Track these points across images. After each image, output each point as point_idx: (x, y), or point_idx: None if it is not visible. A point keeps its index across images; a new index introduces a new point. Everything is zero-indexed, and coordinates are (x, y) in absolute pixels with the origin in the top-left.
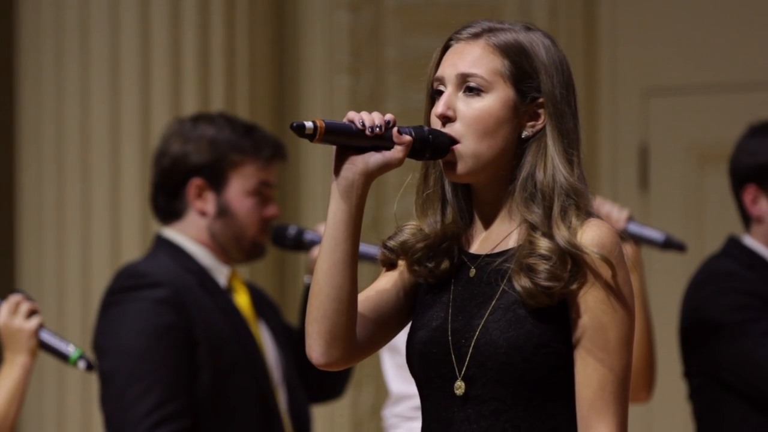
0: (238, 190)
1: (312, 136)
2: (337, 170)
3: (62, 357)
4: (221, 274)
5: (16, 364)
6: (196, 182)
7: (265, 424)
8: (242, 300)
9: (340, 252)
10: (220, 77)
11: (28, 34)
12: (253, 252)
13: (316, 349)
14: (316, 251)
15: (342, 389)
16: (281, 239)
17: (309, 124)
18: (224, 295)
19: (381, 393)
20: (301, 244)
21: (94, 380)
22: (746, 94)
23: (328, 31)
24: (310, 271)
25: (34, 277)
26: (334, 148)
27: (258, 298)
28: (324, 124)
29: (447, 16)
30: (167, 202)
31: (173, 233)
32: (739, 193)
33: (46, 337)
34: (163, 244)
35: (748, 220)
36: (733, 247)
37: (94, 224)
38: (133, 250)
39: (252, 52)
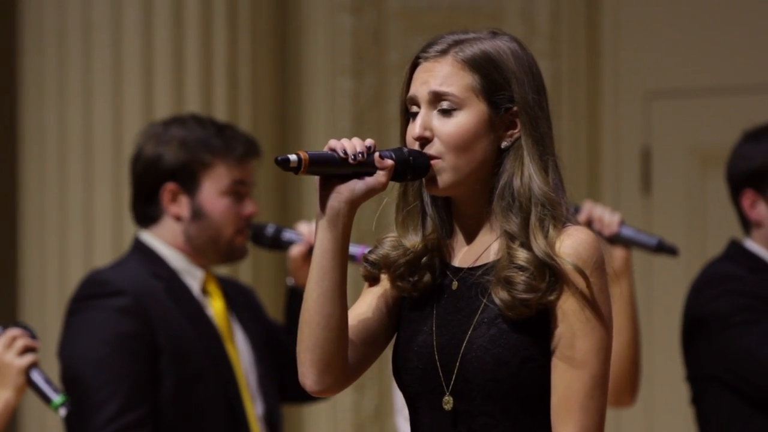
0: (212, 191)
1: (297, 169)
2: (323, 200)
3: (45, 400)
4: (194, 278)
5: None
6: (169, 187)
7: None
8: (216, 305)
9: (329, 281)
10: (222, 80)
11: (31, 36)
12: (230, 253)
13: (309, 377)
14: (295, 251)
15: None
16: (259, 238)
17: (293, 157)
18: (193, 302)
19: (384, 396)
20: (279, 244)
21: None
22: (749, 97)
23: (331, 34)
24: (291, 273)
25: (37, 282)
26: (317, 178)
27: (236, 299)
28: (308, 156)
29: (449, 19)
30: (143, 207)
31: (149, 236)
32: (737, 198)
33: (36, 377)
34: (136, 249)
35: (747, 224)
36: (735, 250)
37: (96, 226)
38: None
39: (254, 54)
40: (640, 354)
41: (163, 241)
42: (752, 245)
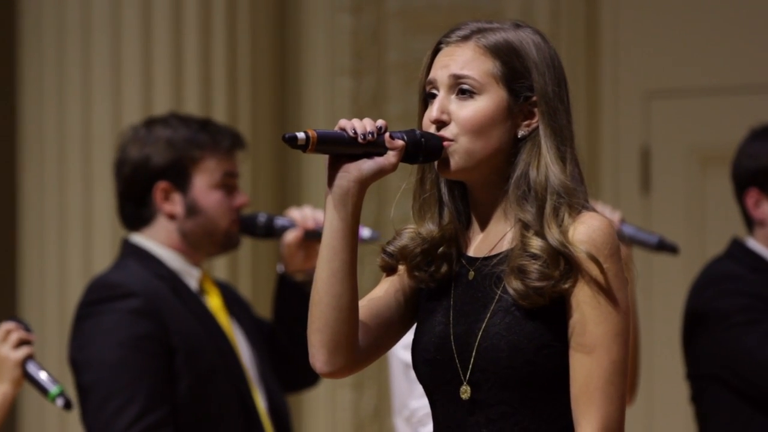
0: (203, 185)
1: (305, 147)
2: (332, 179)
3: (43, 391)
4: (192, 277)
5: None
6: (161, 186)
7: (246, 428)
8: (214, 302)
9: (339, 261)
10: (222, 80)
11: (30, 36)
12: (227, 243)
13: (319, 359)
14: (289, 236)
15: (316, 378)
16: (252, 228)
17: (301, 134)
18: (197, 300)
19: (383, 396)
20: (272, 231)
21: None
22: (748, 96)
23: (330, 34)
24: (284, 259)
25: (36, 283)
26: (326, 157)
27: (229, 296)
28: (316, 134)
29: (448, 19)
30: (135, 210)
31: (141, 238)
32: (741, 196)
33: (32, 369)
34: (131, 251)
35: (750, 223)
36: (737, 249)
37: (96, 226)
38: None
39: (254, 54)
40: (639, 354)
41: (157, 242)
42: (754, 244)
